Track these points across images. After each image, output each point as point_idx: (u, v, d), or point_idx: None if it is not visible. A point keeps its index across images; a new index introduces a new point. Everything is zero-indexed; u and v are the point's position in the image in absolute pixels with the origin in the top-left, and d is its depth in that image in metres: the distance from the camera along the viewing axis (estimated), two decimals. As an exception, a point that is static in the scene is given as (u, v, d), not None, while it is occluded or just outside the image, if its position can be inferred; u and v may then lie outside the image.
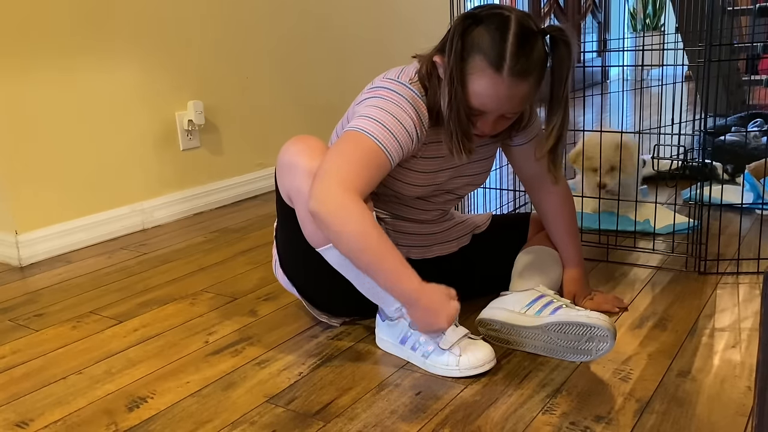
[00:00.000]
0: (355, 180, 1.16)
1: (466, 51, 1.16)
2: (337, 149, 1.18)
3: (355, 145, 1.18)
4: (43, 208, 2.03)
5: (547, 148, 1.27)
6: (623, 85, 5.35)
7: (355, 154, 1.17)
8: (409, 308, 1.20)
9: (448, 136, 1.22)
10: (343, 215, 1.13)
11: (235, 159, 2.61)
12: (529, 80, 1.17)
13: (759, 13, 2.94)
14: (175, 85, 2.37)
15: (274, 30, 2.72)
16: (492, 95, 1.17)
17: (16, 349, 1.43)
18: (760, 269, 1.64)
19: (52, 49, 2.01)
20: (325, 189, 1.14)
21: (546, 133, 1.26)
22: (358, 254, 1.15)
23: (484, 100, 1.18)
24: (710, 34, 1.55)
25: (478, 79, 1.16)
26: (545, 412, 1.10)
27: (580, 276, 1.48)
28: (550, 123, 1.24)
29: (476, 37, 1.16)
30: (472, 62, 1.16)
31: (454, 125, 1.20)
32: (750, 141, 2.54)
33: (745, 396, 1.11)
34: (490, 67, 1.14)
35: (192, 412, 1.15)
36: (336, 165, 1.16)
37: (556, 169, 1.31)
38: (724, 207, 1.86)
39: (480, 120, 1.22)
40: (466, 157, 1.23)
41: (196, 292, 1.70)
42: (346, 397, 1.17)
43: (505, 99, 1.18)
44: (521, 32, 1.14)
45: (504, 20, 1.15)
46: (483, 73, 1.15)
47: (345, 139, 1.19)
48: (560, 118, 1.23)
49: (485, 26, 1.16)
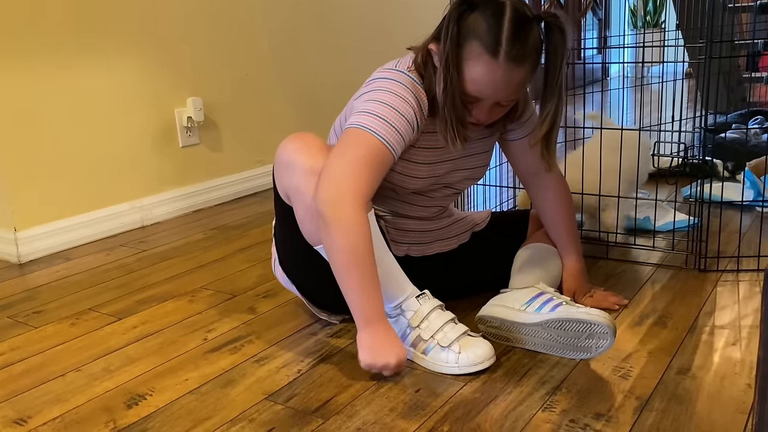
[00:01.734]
0: (364, 184, 1.16)
1: (461, 37, 1.16)
2: (342, 149, 1.18)
3: (359, 144, 1.18)
4: (42, 205, 2.03)
5: (540, 134, 1.27)
6: (623, 82, 5.34)
7: (361, 154, 1.17)
8: (363, 333, 1.19)
9: (443, 123, 1.21)
10: (345, 228, 1.14)
11: (235, 156, 2.61)
12: (525, 66, 1.17)
13: (760, 9, 2.93)
14: (174, 82, 2.36)
15: (274, 26, 2.71)
16: (488, 81, 1.17)
17: (15, 346, 1.43)
18: (760, 267, 1.64)
19: (51, 46, 2.01)
20: (334, 194, 1.15)
21: (540, 119, 1.26)
22: (341, 268, 1.17)
23: (480, 86, 1.18)
24: (711, 31, 1.54)
25: (474, 64, 1.16)
26: (545, 409, 1.10)
27: (579, 273, 1.47)
28: (544, 110, 1.24)
29: (472, 22, 1.16)
30: (468, 48, 1.16)
31: (449, 112, 1.19)
32: (750, 138, 2.53)
33: (745, 393, 1.11)
34: (486, 52, 1.14)
35: (191, 410, 1.15)
36: (344, 168, 1.16)
37: (549, 155, 1.31)
38: (724, 204, 1.85)
39: (476, 107, 1.22)
40: (461, 145, 1.23)
41: (195, 289, 1.70)
42: (345, 395, 1.17)
43: (501, 85, 1.17)
44: (517, 18, 1.14)
45: (499, 6, 1.15)
46: (479, 59, 1.15)
47: (348, 138, 1.19)
48: (554, 105, 1.23)
49: (481, 12, 1.15)
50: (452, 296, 1.42)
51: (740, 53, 3.22)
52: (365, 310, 1.18)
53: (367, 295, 1.17)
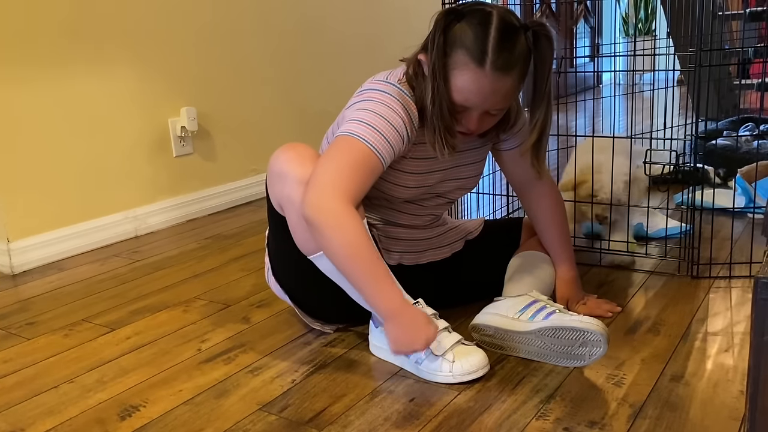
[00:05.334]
0: (349, 186, 1.16)
1: (448, 46, 1.17)
2: (329, 155, 1.19)
3: (346, 150, 1.18)
4: (36, 215, 2.02)
5: (530, 142, 1.28)
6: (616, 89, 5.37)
7: (348, 159, 1.17)
8: (388, 324, 1.19)
9: (431, 132, 1.22)
10: (336, 224, 1.14)
11: (229, 165, 2.61)
12: (512, 75, 1.17)
13: (750, 17, 2.96)
14: (167, 92, 2.36)
15: (267, 36, 2.72)
16: (475, 90, 1.18)
17: (8, 358, 1.42)
18: (752, 273, 1.64)
19: (44, 56, 2.01)
20: (319, 195, 1.15)
21: (529, 128, 1.27)
22: (346, 264, 1.16)
23: (468, 95, 1.19)
24: (701, 39, 1.56)
25: (460, 74, 1.17)
26: (539, 417, 1.10)
27: (572, 280, 1.48)
28: (533, 118, 1.25)
29: (458, 32, 1.17)
30: (454, 57, 1.17)
31: (437, 120, 1.20)
32: (741, 145, 2.55)
33: (737, 400, 1.11)
34: (473, 61, 1.15)
35: (185, 421, 1.15)
36: (329, 171, 1.17)
37: (539, 163, 1.32)
38: (716, 211, 1.86)
39: (465, 117, 1.23)
40: (448, 154, 1.23)
41: (189, 299, 1.69)
42: (340, 404, 1.17)
43: (489, 94, 1.18)
44: (503, 27, 1.15)
45: (486, 15, 1.16)
46: (466, 68, 1.16)
47: (336, 145, 1.19)
48: (543, 113, 1.24)
49: (467, 21, 1.17)
50: (446, 304, 1.42)
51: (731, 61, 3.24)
52: (383, 301, 1.17)
53: (378, 284, 1.17)
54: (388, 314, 1.18)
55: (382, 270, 1.17)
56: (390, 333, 1.19)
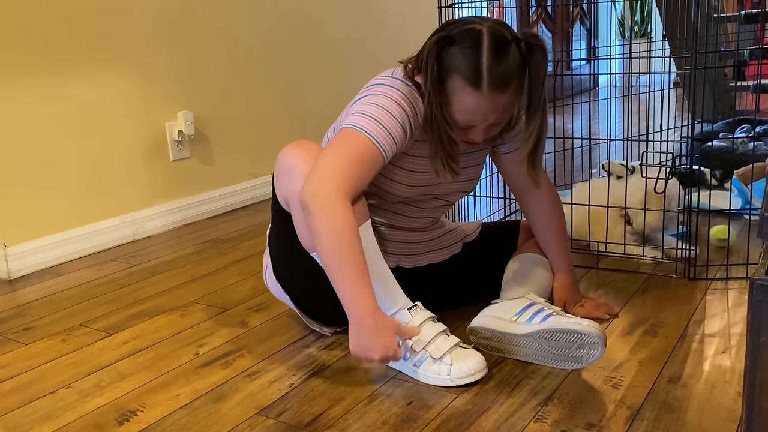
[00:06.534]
0: (348, 177, 1.17)
1: (443, 72, 1.19)
2: (332, 147, 1.20)
3: (349, 142, 1.19)
4: (33, 220, 2.02)
5: (526, 152, 1.28)
6: (612, 92, 5.38)
7: (349, 151, 1.18)
8: (352, 325, 1.16)
9: (433, 155, 1.24)
10: (328, 214, 1.14)
11: (226, 169, 2.61)
12: (509, 90, 1.19)
13: (745, 19, 2.97)
14: (164, 96, 2.36)
15: (264, 40, 2.72)
16: (475, 110, 1.20)
17: (5, 363, 1.42)
18: (748, 274, 1.65)
19: (41, 61, 2.01)
20: (317, 183, 1.15)
21: (525, 137, 1.27)
22: (327, 251, 1.15)
23: (470, 116, 1.21)
24: (696, 42, 1.56)
25: (459, 99, 1.19)
26: (537, 420, 1.10)
27: (570, 283, 1.48)
28: (528, 127, 1.26)
29: (451, 57, 1.18)
30: (451, 83, 1.19)
31: (437, 146, 1.23)
32: (738, 147, 2.56)
33: (735, 402, 1.12)
34: (469, 85, 1.17)
35: (182, 425, 1.15)
36: (330, 162, 1.17)
37: (535, 172, 1.33)
38: (712, 212, 1.87)
39: (471, 132, 1.25)
40: (450, 178, 1.26)
41: (186, 303, 1.69)
42: (338, 408, 1.17)
43: (490, 111, 1.20)
44: (494, 45, 1.16)
45: (476, 36, 1.17)
46: (463, 92, 1.18)
47: (339, 137, 1.21)
48: (538, 123, 1.25)
49: (458, 46, 1.18)
50: (444, 307, 1.43)
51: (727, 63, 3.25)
52: (352, 299, 1.15)
53: (354, 281, 1.15)
54: (354, 315, 1.16)
55: (362, 268, 1.15)
56: (351, 334, 1.17)
